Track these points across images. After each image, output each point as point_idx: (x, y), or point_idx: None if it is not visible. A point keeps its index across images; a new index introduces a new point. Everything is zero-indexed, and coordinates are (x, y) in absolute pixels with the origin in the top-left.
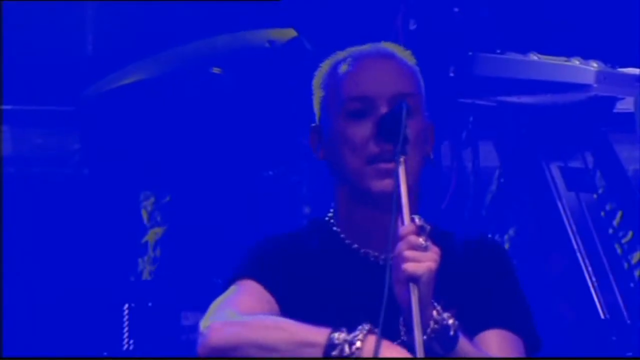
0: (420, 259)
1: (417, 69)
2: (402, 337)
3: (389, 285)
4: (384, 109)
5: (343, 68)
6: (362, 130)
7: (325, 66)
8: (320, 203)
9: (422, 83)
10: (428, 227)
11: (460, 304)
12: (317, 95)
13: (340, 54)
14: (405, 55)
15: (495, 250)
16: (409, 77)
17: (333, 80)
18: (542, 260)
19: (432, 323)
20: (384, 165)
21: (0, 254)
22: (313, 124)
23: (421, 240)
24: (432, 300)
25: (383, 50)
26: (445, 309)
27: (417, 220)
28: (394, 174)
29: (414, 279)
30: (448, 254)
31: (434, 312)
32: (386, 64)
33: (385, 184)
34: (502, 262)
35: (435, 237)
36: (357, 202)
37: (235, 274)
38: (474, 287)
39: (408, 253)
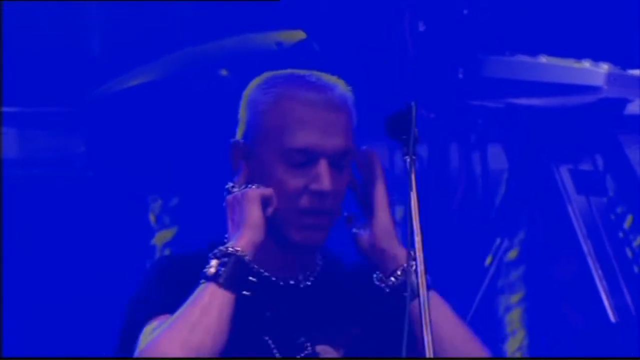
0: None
1: (352, 104)
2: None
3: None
4: (324, 164)
5: (283, 106)
6: (298, 181)
7: (254, 87)
8: None
9: (353, 126)
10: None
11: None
12: (244, 113)
13: (270, 76)
14: (343, 88)
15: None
16: (351, 130)
17: (268, 113)
18: (552, 263)
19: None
20: (312, 220)
21: (3, 255)
22: (234, 140)
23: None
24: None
25: (325, 97)
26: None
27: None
28: (318, 229)
29: None
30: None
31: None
32: (330, 116)
33: (309, 236)
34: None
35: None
36: (274, 240)
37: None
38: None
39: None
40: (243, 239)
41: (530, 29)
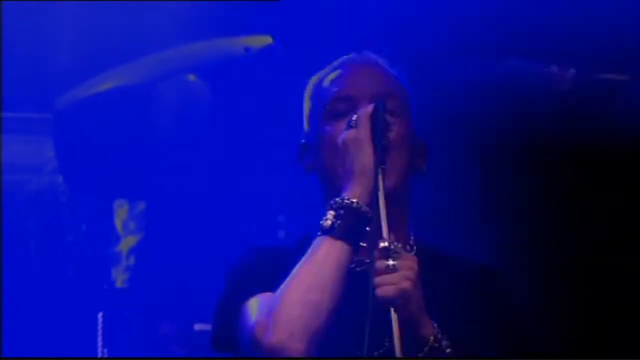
0: (389, 282)
1: (401, 78)
2: (386, 344)
3: (372, 295)
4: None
5: (329, 76)
6: (342, 130)
7: (315, 78)
8: (295, 212)
9: (406, 91)
10: (398, 246)
11: (455, 333)
12: (307, 107)
13: (329, 67)
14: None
15: (498, 282)
16: (390, 79)
17: (320, 89)
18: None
19: (426, 349)
20: None
21: None
22: (302, 141)
23: (388, 262)
24: (432, 322)
25: (367, 56)
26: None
27: (381, 243)
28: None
29: (388, 303)
30: (446, 279)
31: (431, 338)
32: (368, 68)
33: None
34: (504, 295)
35: (433, 261)
36: None
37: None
38: (471, 317)
39: (376, 280)
40: (357, 188)
41: (526, 34)
